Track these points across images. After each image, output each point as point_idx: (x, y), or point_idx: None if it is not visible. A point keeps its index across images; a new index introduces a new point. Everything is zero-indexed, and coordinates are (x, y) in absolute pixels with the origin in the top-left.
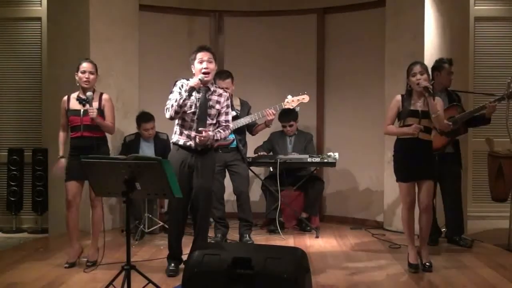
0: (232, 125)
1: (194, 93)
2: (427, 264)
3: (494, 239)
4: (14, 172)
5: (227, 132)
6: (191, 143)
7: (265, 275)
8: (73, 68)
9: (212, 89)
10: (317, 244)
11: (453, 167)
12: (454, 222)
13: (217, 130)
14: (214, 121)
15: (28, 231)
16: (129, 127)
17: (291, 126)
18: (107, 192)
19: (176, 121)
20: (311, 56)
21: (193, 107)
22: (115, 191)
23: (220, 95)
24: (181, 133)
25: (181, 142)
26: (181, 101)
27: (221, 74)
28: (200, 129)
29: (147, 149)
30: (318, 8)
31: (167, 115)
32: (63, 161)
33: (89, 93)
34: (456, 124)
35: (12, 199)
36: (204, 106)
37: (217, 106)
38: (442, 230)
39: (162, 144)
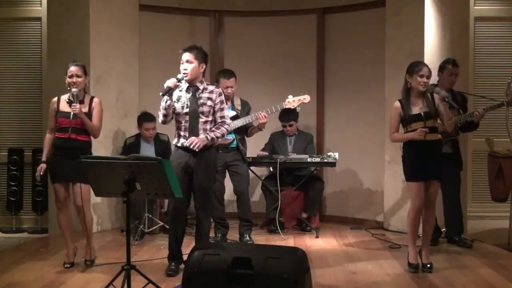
0: (229, 121)
1: (184, 94)
2: (427, 264)
3: (494, 239)
4: (14, 172)
5: (224, 128)
6: (187, 143)
7: (265, 275)
8: None
9: (201, 87)
10: (317, 244)
11: (452, 168)
12: (454, 222)
13: (210, 130)
14: (210, 118)
15: (28, 231)
16: (129, 127)
17: (291, 126)
18: (107, 192)
19: (175, 124)
20: (311, 56)
21: (185, 107)
22: (115, 191)
23: (211, 91)
24: (179, 135)
25: (179, 144)
26: (164, 103)
27: (226, 73)
28: (188, 141)
29: (147, 151)
30: (318, 8)
31: (159, 120)
32: (44, 167)
33: (74, 89)
34: (452, 125)
35: (12, 199)
36: (195, 105)
37: (209, 103)
38: (442, 230)
39: (162, 145)
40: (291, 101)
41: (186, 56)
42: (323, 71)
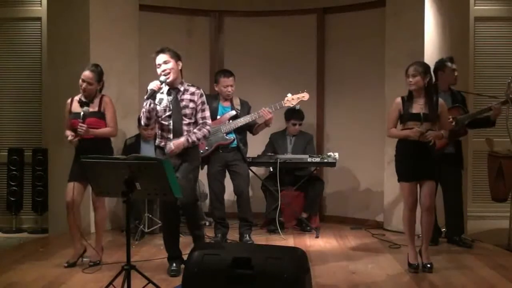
0: (210, 121)
1: (165, 96)
2: (427, 264)
3: (494, 239)
4: (14, 172)
5: (206, 130)
6: (167, 151)
7: (265, 275)
8: (73, 68)
9: (182, 88)
10: (317, 244)
11: (454, 168)
12: (454, 222)
13: (191, 132)
14: (193, 120)
15: (28, 231)
16: (129, 128)
17: (300, 125)
18: (107, 192)
19: (157, 126)
20: (311, 56)
21: (167, 110)
22: (115, 191)
23: (192, 93)
24: (161, 137)
25: (162, 145)
26: (147, 106)
27: (225, 72)
28: (167, 150)
29: (147, 151)
30: (318, 8)
31: (142, 123)
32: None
33: (85, 109)
34: (458, 125)
35: (12, 199)
36: (177, 107)
37: (191, 105)
38: (442, 230)
39: None
40: (290, 99)
41: (162, 57)
42: (323, 71)
